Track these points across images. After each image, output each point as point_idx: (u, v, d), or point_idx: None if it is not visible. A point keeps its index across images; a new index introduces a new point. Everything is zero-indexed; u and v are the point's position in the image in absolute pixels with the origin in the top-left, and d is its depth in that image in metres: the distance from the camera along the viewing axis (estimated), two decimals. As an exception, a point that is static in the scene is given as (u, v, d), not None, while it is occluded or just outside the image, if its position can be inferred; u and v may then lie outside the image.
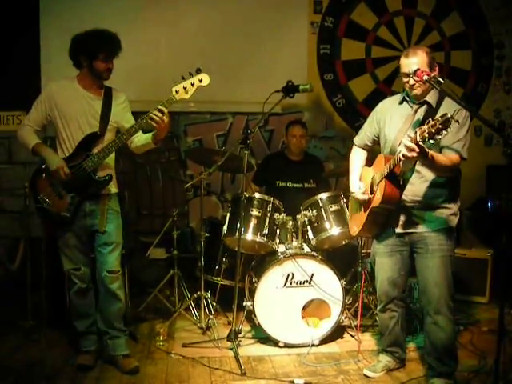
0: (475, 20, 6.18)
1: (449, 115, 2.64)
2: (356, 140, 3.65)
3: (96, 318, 3.65)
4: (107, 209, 3.52)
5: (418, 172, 3.15)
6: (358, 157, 3.62)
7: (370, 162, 3.56)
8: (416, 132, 2.77)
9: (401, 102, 3.31)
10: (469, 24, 6.18)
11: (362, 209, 3.42)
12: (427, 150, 2.84)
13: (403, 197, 3.18)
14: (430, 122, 2.71)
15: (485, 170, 6.00)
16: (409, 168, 3.16)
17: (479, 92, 6.26)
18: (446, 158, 3.01)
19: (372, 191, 3.29)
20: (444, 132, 2.66)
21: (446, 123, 2.64)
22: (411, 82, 3.11)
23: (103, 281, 3.51)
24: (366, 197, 3.34)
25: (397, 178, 3.14)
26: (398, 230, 3.27)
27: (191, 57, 5.32)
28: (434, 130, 2.67)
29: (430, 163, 2.97)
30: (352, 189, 3.47)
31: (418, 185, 3.17)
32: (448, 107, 3.06)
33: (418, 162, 3.09)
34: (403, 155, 2.86)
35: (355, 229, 3.54)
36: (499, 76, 6.29)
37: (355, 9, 5.95)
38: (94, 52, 3.40)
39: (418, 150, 2.79)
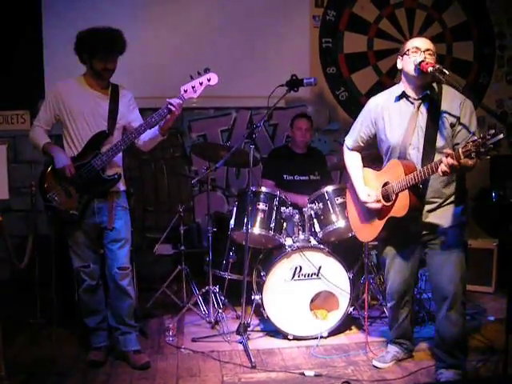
0: (476, 10, 6.18)
1: (502, 135, 2.47)
2: (349, 142, 3.51)
3: (106, 315, 3.67)
4: (116, 206, 3.52)
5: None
6: (356, 161, 3.48)
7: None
8: (459, 150, 2.66)
9: (397, 100, 3.17)
10: (470, 14, 6.17)
11: (376, 217, 3.29)
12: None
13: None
14: (476, 140, 2.56)
15: (488, 160, 5.97)
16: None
17: (481, 82, 6.26)
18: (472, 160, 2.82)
19: (387, 199, 3.17)
20: (494, 151, 2.53)
21: (497, 143, 2.50)
22: (420, 58, 2.96)
23: (114, 277, 3.53)
24: (379, 205, 3.21)
25: (418, 187, 3.04)
26: (414, 230, 3.18)
27: (194, 52, 5.37)
28: (483, 150, 2.53)
29: (458, 170, 2.84)
30: (362, 198, 3.30)
31: (435, 185, 3.08)
32: (451, 98, 3.05)
33: None
34: (444, 172, 2.77)
35: (368, 237, 3.43)
36: (501, 66, 6.30)
37: (356, 2, 5.95)
38: (92, 51, 3.38)
39: (458, 166, 2.71)
